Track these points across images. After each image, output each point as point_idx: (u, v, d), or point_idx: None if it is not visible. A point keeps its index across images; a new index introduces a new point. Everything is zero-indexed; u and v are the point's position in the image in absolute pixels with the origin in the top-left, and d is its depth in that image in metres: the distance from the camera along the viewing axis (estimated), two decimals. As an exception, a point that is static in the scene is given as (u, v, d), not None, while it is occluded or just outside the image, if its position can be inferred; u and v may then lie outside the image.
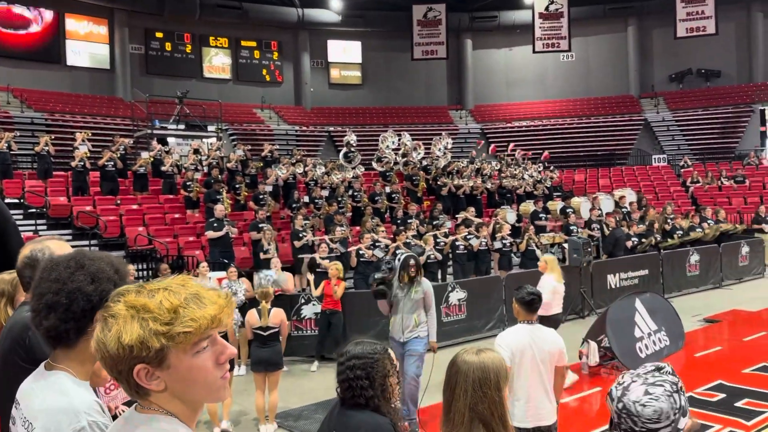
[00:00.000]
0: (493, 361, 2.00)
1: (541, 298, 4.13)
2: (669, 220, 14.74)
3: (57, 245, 2.09)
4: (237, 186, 14.69)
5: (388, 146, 17.73)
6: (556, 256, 7.62)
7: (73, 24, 24.52)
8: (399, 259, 6.24)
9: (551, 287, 7.09)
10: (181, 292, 1.14)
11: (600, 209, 15.00)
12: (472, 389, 1.94)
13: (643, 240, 13.55)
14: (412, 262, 6.15)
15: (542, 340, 4.02)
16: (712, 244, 14.38)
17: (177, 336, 1.10)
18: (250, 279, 9.03)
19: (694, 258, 13.59)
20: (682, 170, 22.70)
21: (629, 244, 13.26)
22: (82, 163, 14.05)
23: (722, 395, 6.67)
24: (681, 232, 14.41)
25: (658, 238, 14.01)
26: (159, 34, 26.45)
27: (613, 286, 12.02)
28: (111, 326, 1.11)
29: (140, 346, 1.09)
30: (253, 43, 28.59)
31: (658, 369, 1.58)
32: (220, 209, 11.90)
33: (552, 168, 20.80)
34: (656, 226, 14.40)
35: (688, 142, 26.38)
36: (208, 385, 1.17)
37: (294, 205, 14.03)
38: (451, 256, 12.39)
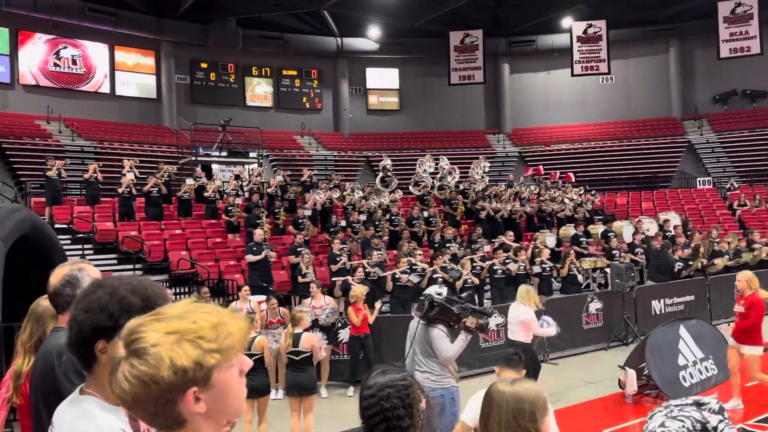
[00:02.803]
0: (528, 392, 1.95)
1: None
2: (714, 244, 14.29)
3: (91, 268, 2.18)
4: (276, 211, 14.92)
5: (425, 170, 17.79)
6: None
7: (122, 56, 25.54)
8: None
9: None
10: (203, 310, 1.15)
11: (643, 233, 14.68)
12: (505, 420, 1.90)
13: (689, 264, 13.16)
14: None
15: None
16: (762, 269, 13.84)
17: (225, 351, 1.11)
18: (288, 303, 9.13)
19: (743, 283, 13.09)
20: (728, 193, 22.04)
21: (675, 268, 12.90)
22: (129, 190, 14.50)
23: (775, 427, 6.40)
24: (728, 256, 13.94)
25: (704, 263, 13.59)
26: (204, 65, 27.30)
27: (658, 312, 11.67)
28: (155, 355, 1.06)
29: (195, 367, 1.08)
30: (294, 72, 29.22)
31: (698, 404, 1.51)
32: (259, 233, 12.11)
33: (593, 191, 20.50)
34: (701, 250, 13.98)
35: (734, 164, 25.65)
36: (238, 396, 1.18)
37: (332, 229, 14.17)
38: (488, 280, 12.27)
